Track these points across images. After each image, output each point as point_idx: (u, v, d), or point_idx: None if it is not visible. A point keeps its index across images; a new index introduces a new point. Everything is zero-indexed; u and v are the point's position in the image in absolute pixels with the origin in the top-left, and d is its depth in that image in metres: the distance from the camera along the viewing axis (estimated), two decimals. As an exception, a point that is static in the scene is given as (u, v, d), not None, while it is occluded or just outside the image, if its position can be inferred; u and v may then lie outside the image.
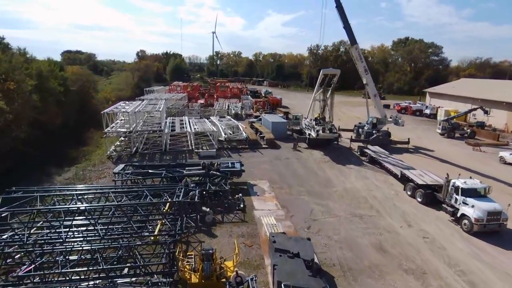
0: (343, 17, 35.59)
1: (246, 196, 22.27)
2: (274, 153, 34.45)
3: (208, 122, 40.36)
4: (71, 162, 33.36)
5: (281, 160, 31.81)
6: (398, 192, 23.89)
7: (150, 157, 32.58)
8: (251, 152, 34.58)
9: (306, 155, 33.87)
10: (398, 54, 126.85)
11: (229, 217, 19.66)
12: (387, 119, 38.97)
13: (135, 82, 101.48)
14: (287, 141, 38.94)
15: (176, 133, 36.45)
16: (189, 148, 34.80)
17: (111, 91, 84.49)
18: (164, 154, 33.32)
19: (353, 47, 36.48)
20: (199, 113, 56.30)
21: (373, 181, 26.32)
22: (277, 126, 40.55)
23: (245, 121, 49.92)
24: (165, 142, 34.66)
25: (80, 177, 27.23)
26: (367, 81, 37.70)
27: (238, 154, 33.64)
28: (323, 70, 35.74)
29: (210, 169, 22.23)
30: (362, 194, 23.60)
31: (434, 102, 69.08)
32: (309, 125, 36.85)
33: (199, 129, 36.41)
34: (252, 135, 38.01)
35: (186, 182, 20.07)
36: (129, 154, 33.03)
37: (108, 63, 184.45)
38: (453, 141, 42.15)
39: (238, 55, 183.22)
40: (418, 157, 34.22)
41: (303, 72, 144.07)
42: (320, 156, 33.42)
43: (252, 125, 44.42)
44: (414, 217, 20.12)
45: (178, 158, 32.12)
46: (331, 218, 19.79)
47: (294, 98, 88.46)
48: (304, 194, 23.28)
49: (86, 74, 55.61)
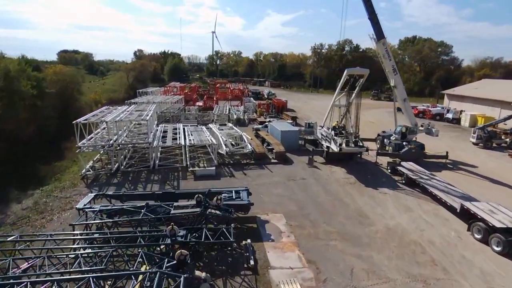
0: (369, 6, 29.54)
1: (256, 242, 16.23)
2: (286, 170, 28.36)
3: (206, 132, 34.21)
4: (39, 182, 27.32)
5: (296, 181, 25.71)
6: (461, 234, 17.79)
7: (135, 176, 26.47)
8: (258, 169, 28.49)
9: (325, 174, 27.76)
10: (407, 53, 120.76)
11: (234, 282, 13.57)
12: (419, 128, 32.92)
13: (129, 82, 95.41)
14: (299, 154, 32.85)
15: (168, 146, 30.23)
16: (183, 165, 28.66)
17: (103, 93, 78.69)
18: (152, 173, 27.21)
19: (380, 42, 30.33)
20: (197, 118, 50.20)
21: (419, 214, 20.23)
22: (287, 136, 34.41)
23: (249, 128, 43.84)
24: (154, 158, 28.52)
25: (39, 208, 21.08)
26: (395, 83, 31.59)
27: (242, 172, 27.55)
28: (348, 70, 29.52)
29: (208, 207, 16.13)
30: (412, 237, 17.50)
31: (454, 105, 63.01)
32: (327, 136, 30.69)
33: (196, 141, 30.27)
34: (258, 147, 31.87)
35: (173, 230, 13.95)
36: (109, 172, 26.92)
37: (106, 63, 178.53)
38: (492, 153, 36.06)
39: (238, 55, 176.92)
40: (461, 175, 28.15)
41: (306, 72, 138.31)
42: (343, 175, 27.31)
43: (257, 134, 38.29)
44: (501, 280, 14.01)
45: (168, 179, 25.99)
46: (382, 283, 13.67)
47: (298, 100, 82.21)
48: (335, 238, 17.17)
49: (69, 74, 49.33)
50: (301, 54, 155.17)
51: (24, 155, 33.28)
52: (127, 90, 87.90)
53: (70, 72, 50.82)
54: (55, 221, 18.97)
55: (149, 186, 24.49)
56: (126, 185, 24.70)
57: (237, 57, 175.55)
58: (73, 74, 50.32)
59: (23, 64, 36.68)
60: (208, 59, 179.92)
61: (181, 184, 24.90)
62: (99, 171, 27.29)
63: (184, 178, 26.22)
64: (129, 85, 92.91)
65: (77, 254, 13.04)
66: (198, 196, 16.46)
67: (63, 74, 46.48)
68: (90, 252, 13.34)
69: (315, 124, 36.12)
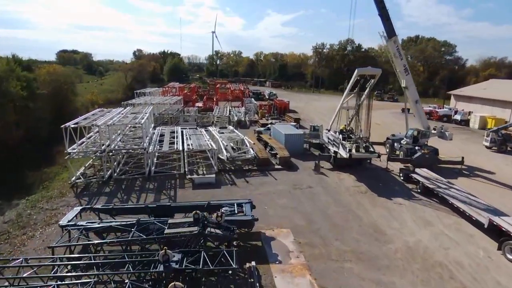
0: (379, 1, 27.68)
1: (262, 264, 14.33)
2: (291, 177, 26.45)
3: (205, 135, 32.31)
4: (26, 190, 25.47)
5: (303, 190, 23.81)
6: (490, 253, 15.88)
7: (128, 185, 24.56)
8: (261, 176, 26.59)
9: (333, 181, 25.86)
10: (410, 53, 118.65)
11: (237, 316, 11.68)
12: (431, 131, 31.02)
13: (127, 83, 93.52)
14: (304, 159, 30.97)
15: (164, 152, 28.27)
16: (180, 172, 26.75)
17: (100, 93, 76.87)
18: (148, 181, 25.31)
19: (391, 40, 28.45)
20: (196, 120, 48.30)
21: (441, 229, 18.31)
22: (291, 140, 32.50)
23: (250, 130, 41.96)
24: (149, 164, 26.60)
25: (22, 221, 19.17)
26: (407, 84, 29.74)
27: (244, 180, 25.65)
28: (358, 69, 27.59)
29: (207, 225, 14.22)
30: (437, 257, 15.58)
31: (461, 106, 61.08)
32: (334, 141, 28.75)
33: (195, 146, 28.37)
34: (261, 152, 29.95)
35: (166, 255, 12.04)
36: (101, 180, 25.02)
37: (105, 63, 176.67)
38: (508, 157, 34.14)
39: (238, 55, 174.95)
40: (479, 182, 26.23)
41: (307, 72, 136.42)
42: (353, 183, 25.40)
43: (259, 137, 36.37)
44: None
45: (164, 187, 24.10)
46: (409, 318, 11.77)
47: (300, 101, 79.93)
48: (350, 259, 15.26)
49: (64, 74, 47.33)
50: (302, 54, 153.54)
51: (13, 160, 31.42)
52: (125, 91, 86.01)
53: (64, 72, 48.77)
54: (36, 238, 17.06)
55: (144, 195, 22.60)
56: (119, 195, 22.80)
57: (237, 57, 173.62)
58: (68, 74, 48.33)
59: (12, 64, 34.71)
60: (208, 59, 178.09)
61: (178, 193, 23.00)
62: (90, 178, 25.37)
63: (181, 186, 24.32)
64: (127, 86, 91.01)
65: (54, 285, 11.13)
66: (196, 213, 14.53)
67: (57, 74, 44.52)
68: (70, 283, 11.44)
69: (321, 127, 34.23)
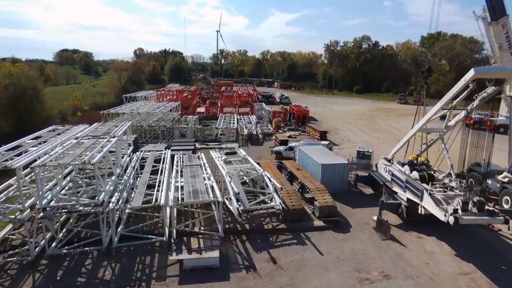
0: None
1: None
2: (344, 248, 15.99)
3: (205, 167, 21.83)
4: None
5: (375, 286, 13.35)
6: None
7: (71, 268, 14.22)
8: (295, 246, 16.15)
9: (419, 259, 15.28)
10: (434, 50, 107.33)
11: None
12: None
13: (121, 85, 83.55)
14: (352, 203, 20.57)
15: (135, 208, 17.43)
16: (163, 238, 16.31)
17: (89, 96, 67.25)
18: (106, 258, 14.96)
19: (499, 22, 17.96)
20: (195, 133, 38.08)
21: None
22: (331, 172, 22.00)
23: (265, 148, 31.66)
24: (111, 228, 16.00)
25: None
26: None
27: (268, 256, 15.24)
28: (475, 69, 16.87)
29: None
30: None
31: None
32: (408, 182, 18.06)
33: (186, 193, 17.73)
34: (291, 197, 19.28)
35: None
36: (25, 260, 14.68)
37: (105, 62, 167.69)
38: None
39: (244, 54, 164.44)
40: None
41: (318, 72, 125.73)
42: (455, 265, 14.85)
43: (280, 164, 25.80)
44: None
45: (130, 275, 13.77)
46: None
47: (315, 105, 68.82)
48: None
49: (29, 76, 37.09)
50: (312, 53, 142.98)
51: None
52: (118, 94, 75.90)
53: (31, 73, 38.30)
54: None
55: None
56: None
57: (243, 56, 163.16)
58: (33, 76, 37.84)
59: None
60: (213, 58, 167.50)
61: (153, 294, 12.72)
62: (10, 255, 15.04)
63: (161, 271, 13.98)
64: (120, 88, 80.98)
65: None
66: None
67: (17, 76, 34.40)
68: None
69: (372, 153, 23.71)
